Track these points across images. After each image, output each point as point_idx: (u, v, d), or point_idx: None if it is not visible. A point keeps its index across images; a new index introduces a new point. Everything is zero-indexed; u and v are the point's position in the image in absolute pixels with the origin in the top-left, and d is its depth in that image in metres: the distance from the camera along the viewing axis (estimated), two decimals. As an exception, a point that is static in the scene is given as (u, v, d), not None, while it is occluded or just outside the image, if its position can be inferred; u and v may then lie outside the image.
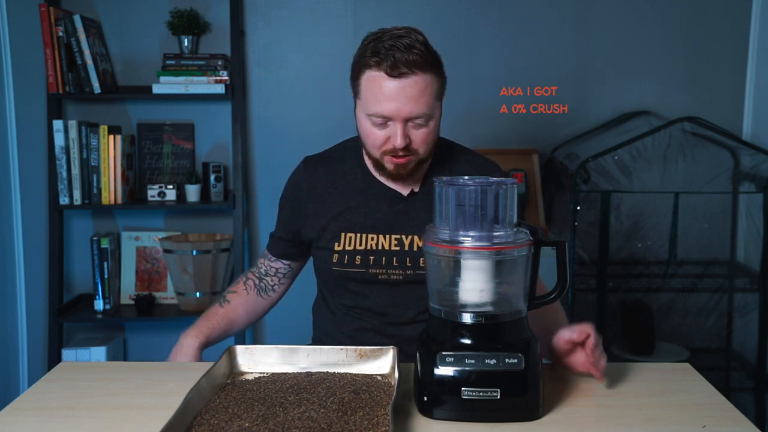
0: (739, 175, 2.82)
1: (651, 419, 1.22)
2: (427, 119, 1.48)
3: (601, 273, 2.65)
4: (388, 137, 1.48)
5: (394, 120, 1.46)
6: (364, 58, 1.46)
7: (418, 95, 1.44)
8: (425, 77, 1.45)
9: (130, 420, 1.21)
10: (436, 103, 1.49)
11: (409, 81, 1.43)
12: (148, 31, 2.92)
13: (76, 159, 2.74)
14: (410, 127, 1.48)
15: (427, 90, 1.45)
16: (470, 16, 2.96)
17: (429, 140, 1.51)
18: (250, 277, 1.72)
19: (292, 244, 1.69)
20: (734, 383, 2.86)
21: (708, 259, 2.92)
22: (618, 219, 2.78)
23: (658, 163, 2.77)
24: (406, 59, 1.42)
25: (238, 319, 1.67)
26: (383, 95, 1.44)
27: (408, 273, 1.58)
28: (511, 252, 1.21)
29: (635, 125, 2.87)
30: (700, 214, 2.85)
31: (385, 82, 1.44)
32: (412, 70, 1.42)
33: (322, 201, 1.63)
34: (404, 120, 1.46)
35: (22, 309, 2.86)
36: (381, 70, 1.43)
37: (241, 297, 1.69)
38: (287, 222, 1.68)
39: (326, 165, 1.66)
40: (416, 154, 1.51)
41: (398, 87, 1.43)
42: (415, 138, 1.49)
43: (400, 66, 1.42)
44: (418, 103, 1.44)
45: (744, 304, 2.82)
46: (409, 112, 1.45)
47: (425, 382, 1.21)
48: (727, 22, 2.97)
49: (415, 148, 1.50)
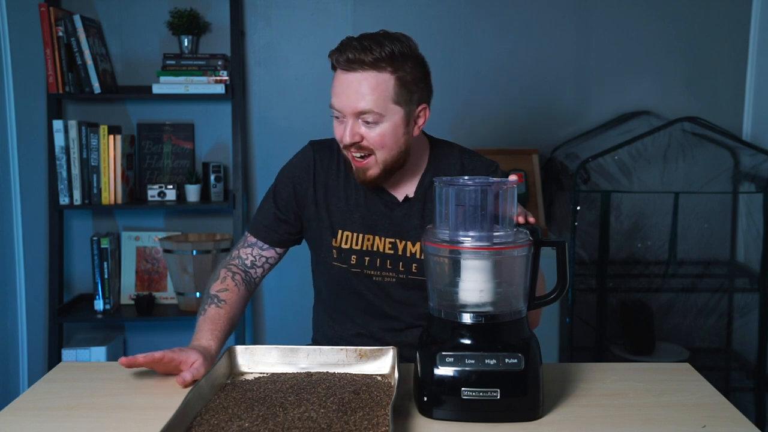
0: (739, 175, 2.82)
1: (651, 419, 1.22)
2: (378, 118, 1.48)
3: (601, 273, 2.65)
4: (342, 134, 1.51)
5: (345, 115, 1.49)
6: (332, 53, 1.51)
7: (366, 91, 1.46)
8: (378, 75, 1.46)
9: (130, 420, 1.21)
10: (392, 106, 1.48)
11: (357, 76, 1.46)
12: (148, 31, 2.92)
13: (76, 159, 2.74)
14: (361, 125, 1.49)
15: (378, 88, 1.46)
16: (470, 16, 2.96)
17: (386, 143, 1.50)
18: (236, 272, 1.62)
19: (292, 227, 1.64)
20: (734, 383, 2.86)
21: (708, 259, 2.92)
22: (618, 219, 2.78)
23: (658, 163, 2.77)
24: (356, 55, 1.46)
25: (236, 319, 1.58)
26: (336, 88, 1.50)
27: (401, 277, 1.58)
28: (510, 252, 1.21)
29: (635, 125, 2.87)
30: (700, 214, 2.85)
31: (339, 76, 1.50)
32: (362, 65, 1.46)
33: (324, 190, 1.62)
34: (353, 115, 1.48)
35: (22, 309, 2.86)
36: (338, 64, 1.49)
37: (236, 295, 1.58)
38: (288, 203, 1.63)
39: (332, 155, 1.65)
40: (372, 155, 1.51)
41: (347, 81, 1.48)
42: (367, 136, 1.49)
43: (351, 62, 1.46)
44: (363, 99, 1.46)
45: (744, 304, 2.82)
46: (353, 106, 1.47)
47: (425, 383, 1.21)
48: (727, 22, 2.97)
49: (369, 147, 1.50)
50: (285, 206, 1.64)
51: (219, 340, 1.49)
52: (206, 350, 1.43)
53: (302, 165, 1.64)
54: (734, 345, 2.90)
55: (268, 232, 1.65)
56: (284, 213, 1.64)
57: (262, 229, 1.66)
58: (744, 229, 2.89)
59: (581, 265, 2.71)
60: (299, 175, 1.64)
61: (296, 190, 1.63)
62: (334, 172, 1.63)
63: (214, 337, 1.48)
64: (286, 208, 1.64)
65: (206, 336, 1.47)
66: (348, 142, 1.49)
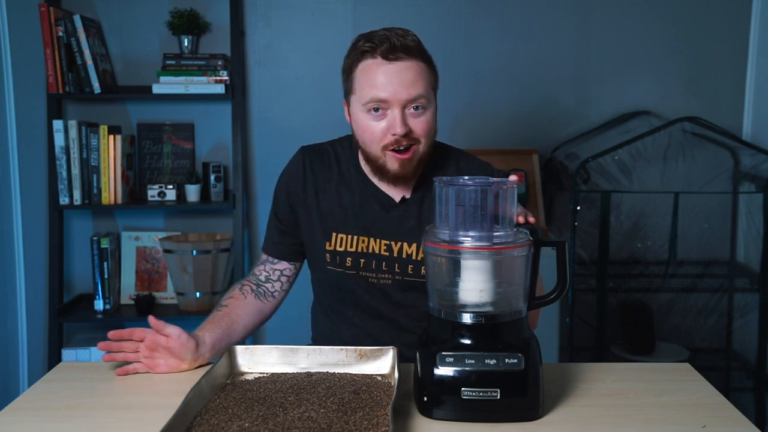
0: (739, 175, 2.82)
1: (651, 419, 1.22)
2: (426, 105, 1.48)
3: (601, 273, 2.65)
4: (387, 128, 1.48)
5: (392, 106, 1.46)
6: (357, 48, 1.49)
7: (415, 78, 1.46)
8: (420, 64, 1.47)
9: (130, 420, 1.21)
10: (432, 94, 1.50)
11: (405, 65, 1.46)
12: (148, 31, 2.92)
13: (76, 159, 2.74)
14: (409, 115, 1.48)
15: (422, 74, 1.47)
16: (470, 16, 2.96)
17: (429, 131, 1.50)
18: (246, 284, 1.64)
19: (296, 237, 1.64)
20: (734, 383, 2.86)
21: (708, 259, 2.92)
22: (618, 219, 2.78)
23: (658, 163, 2.77)
24: (402, 43, 1.45)
25: (238, 320, 1.56)
26: (380, 80, 1.46)
27: (397, 278, 1.58)
28: (510, 252, 1.21)
29: (635, 125, 2.87)
30: (700, 214, 2.85)
31: (381, 67, 1.46)
32: (408, 54, 1.45)
33: (316, 195, 1.61)
34: (402, 105, 1.46)
35: (22, 309, 2.86)
36: (377, 55, 1.46)
37: (240, 301, 1.60)
38: (286, 213, 1.64)
39: (323, 159, 1.64)
40: (418, 144, 1.50)
41: (395, 70, 1.45)
42: (415, 127, 1.48)
43: (396, 50, 1.45)
44: (415, 86, 1.46)
45: (744, 304, 2.82)
46: (407, 95, 1.46)
47: (425, 382, 1.21)
48: (727, 22, 2.97)
49: (417, 137, 1.49)
50: (284, 217, 1.65)
51: (208, 330, 1.49)
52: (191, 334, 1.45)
53: (293, 172, 1.64)
54: (734, 345, 2.90)
55: (275, 246, 1.67)
56: (285, 224, 1.65)
57: (270, 245, 1.68)
58: (744, 229, 2.89)
59: (581, 265, 2.71)
60: (291, 183, 1.64)
61: (290, 198, 1.64)
62: (326, 175, 1.62)
63: (201, 328, 1.50)
64: (285, 219, 1.65)
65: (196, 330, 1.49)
66: (403, 131, 1.46)
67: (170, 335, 1.41)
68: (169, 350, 1.41)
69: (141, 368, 1.42)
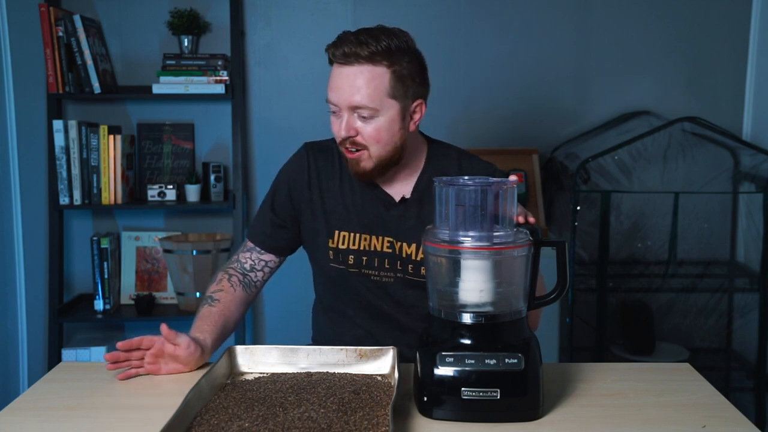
0: (739, 175, 2.82)
1: (651, 419, 1.22)
2: (373, 113, 1.48)
3: (601, 273, 2.65)
4: (338, 129, 1.52)
5: (341, 109, 1.49)
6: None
7: (362, 85, 1.46)
8: (373, 69, 1.47)
9: (130, 420, 1.21)
10: (387, 100, 1.48)
11: (353, 69, 1.47)
12: (148, 31, 2.91)
13: (76, 159, 2.74)
14: (357, 119, 1.49)
15: (373, 82, 1.46)
16: (470, 16, 2.96)
17: (381, 137, 1.50)
18: (233, 274, 1.62)
19: (289, 231, 1.64)
20: (734, 383, 2.86)
21: (708, 259, 2.92)
22: (618, 219, 2.78)
23: (658, 163, 2.77)
24: (352, 49, 1.46)
25: (231, 318, 1.57)
26: (332, 82, 1.50)
27: (399, 276, 1.58)
28: (510, 252, 1.21)
29: (635, 125, 2.87)
30: (700, 214, 2.85)
31: (335, 70, 1.50)
32: (357, 59, 1.46)
33: (320, 192, 1.61)
34: (349, 109, 1.48)
35: (22, 309, 2.86)
36: (335, 58, 1.49)
37: (230, 295, 1.59)
38: (285, 208, 1.63)
39: (327, 156, 1.64)
40: (366, 150, 1.51)
41: (344, 74, 1.48)
42: (362, 131, 1.50)
43: (347, 55, 1.46)
44: (359, 93, 1.46)
45: (744, 304, 2.82)
46: (349, 100, 1.47)
47: (425, 382, 1.21)
48: (727, 22, 2.97)
49: (363, 143, 1.50)
50: (281, 211, 1.64)
51: (209, 333, 1.48)
52: (196, 339, 1.44)
53: (297, 168, 1.64)
54: (734, 345, 2.90)
55: (265, 238, 1.65)
56: (281, 218, 1.64)
57: (259, 236, 1.66)
58: (744, 229, 2.89)
59: (581, 265, 2.71)
60: (294, 178, 1.64)
61: (292, 194, 1.63)
62: (329, 173, 1.63)
63: (202, 331, 1.48)
64: (283, 212, 1.64)
65: (195, 332, 1.48)
66: (344, 136, 1.50)
67: (180, 344, 1.40)
68: (175, 358, 1.41)
69: (142, 371, 1.42)
